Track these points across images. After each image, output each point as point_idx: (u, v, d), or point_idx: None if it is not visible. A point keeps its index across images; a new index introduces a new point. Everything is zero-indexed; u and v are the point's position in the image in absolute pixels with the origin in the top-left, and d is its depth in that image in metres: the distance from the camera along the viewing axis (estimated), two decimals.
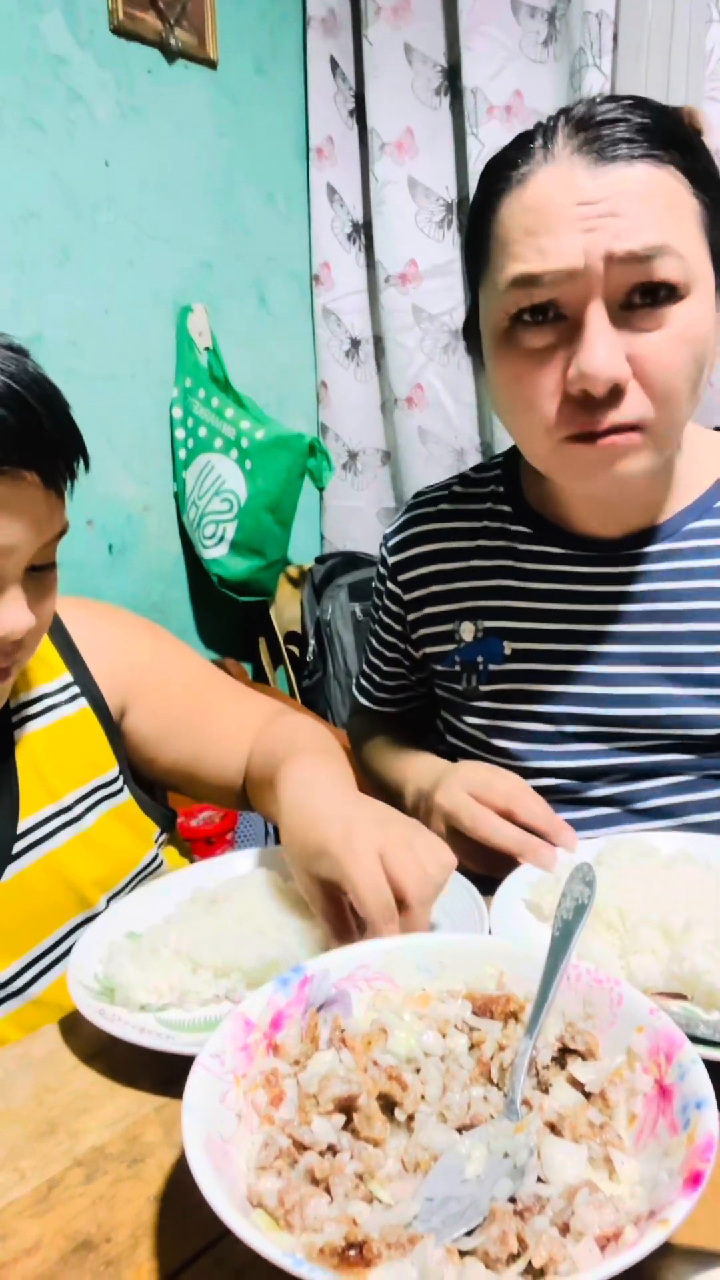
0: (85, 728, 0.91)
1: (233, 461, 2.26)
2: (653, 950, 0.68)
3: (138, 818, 0.94)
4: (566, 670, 0.96)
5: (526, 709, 0.98)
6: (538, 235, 0.78)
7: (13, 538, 0.69)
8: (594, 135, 0.78)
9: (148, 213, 2.20)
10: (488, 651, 1.00)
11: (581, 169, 0.77)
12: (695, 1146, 0.44)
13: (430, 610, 1.05)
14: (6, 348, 0.69)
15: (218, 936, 0.71)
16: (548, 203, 0.78)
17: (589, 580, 0.96)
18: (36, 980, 0.83)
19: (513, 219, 0.81)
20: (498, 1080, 0.55)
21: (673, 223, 0.77)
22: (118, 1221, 0.53)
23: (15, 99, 1.90)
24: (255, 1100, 0.53)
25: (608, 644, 0.95)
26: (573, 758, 0.96)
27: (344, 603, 2.47)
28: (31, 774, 0.86)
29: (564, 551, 0.98)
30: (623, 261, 0.76)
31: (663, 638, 0.93)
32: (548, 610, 0.98)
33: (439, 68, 2.36)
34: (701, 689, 0.92)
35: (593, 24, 1.98)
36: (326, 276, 2.66)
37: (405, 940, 0.63)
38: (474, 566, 1.03)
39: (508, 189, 0.82)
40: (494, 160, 0.85)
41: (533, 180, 0.80)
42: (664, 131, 0.79)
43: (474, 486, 1.07)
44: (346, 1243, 0.43)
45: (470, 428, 2.52)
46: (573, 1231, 0.43)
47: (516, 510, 1.02)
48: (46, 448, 0.70)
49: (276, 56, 2.52)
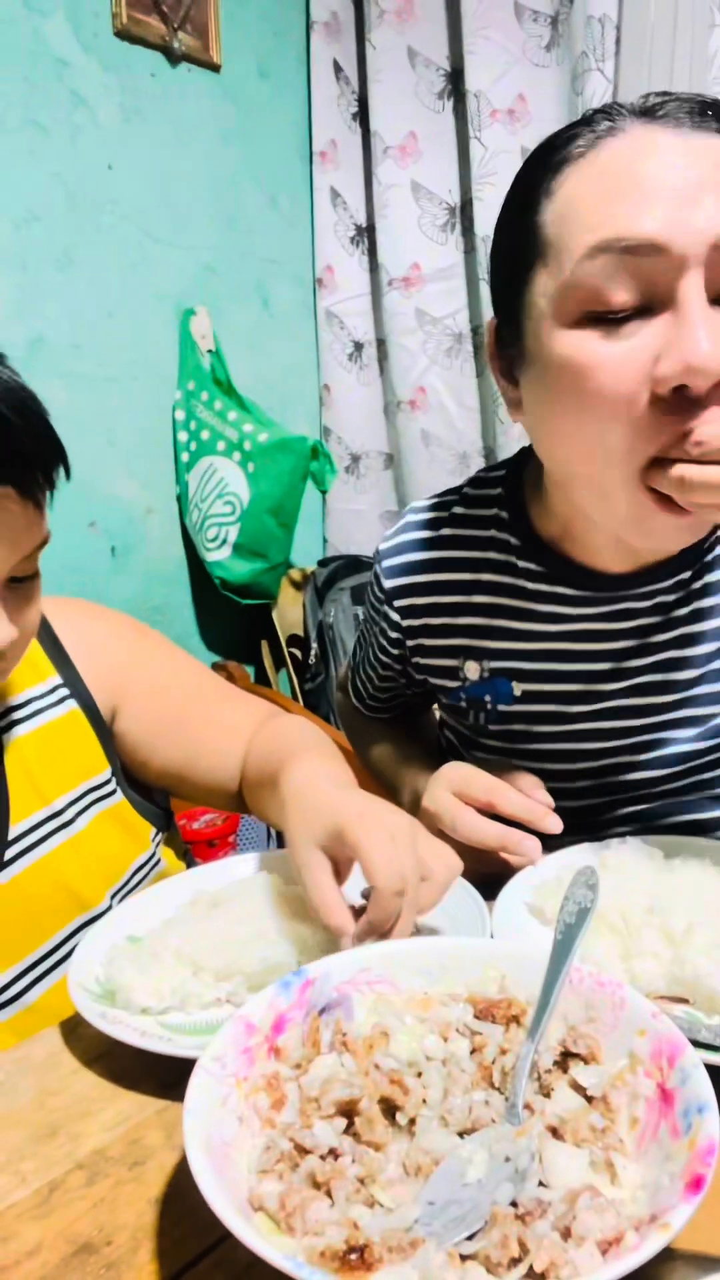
0: (75, 730, 0.89)
1: (235, 464, 2.26)
2: (655, 954, 0.68)
3: (132, 819, 0.93)
4: (580, 711, 0.91)
5: (538, 749, 0.94)
6: (618, 201, 0.66)
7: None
8: (662, 110, 0.68)
9: (151, 215, 2.21)
10: (496, 691, 0.94)
11: (659, 134, 0.67)
12: (697, 1151, 0.44)
13: (428, 642, 0.98)
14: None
15: (219, 939, 0.71)
16: (629, 166, 0.66)
17: (608, 619, 0.89)
18: (32, 987, 0.83)
19: (582, 189, 0.68)
20: (499, 1084, 0.55)
21: None
22: (119, 1224, 0.53)
23: (18, 101, 1.91)
24: (257, 1103, 0.53)
25: (622, 680, 0.89)
26: (587, 795, 0.93)
27: (346, 605, 2.47)
28: (21, 778, 0.85)
29: (579, 594, 0.89)
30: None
31: (682, 665, 0.88)
32: (562, 651, 0.91)
33: (442, 71, 2.36)
34: (709, 708, 0.89)
35: (595, 28, 1.98)
36: (329, 279, 2.66)
37: (407, 944, 0.63)
38: (476, 603, 0.94)
39: (566, 164, 0.70)
40: (540, 149, 0.74)
41: (604, 149, 0.68)
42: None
43: (475, 507, 0.96)
44: (348, 1246, 0.43)
45: (473, 431, 2.52)
46: (574, 1236, 0.43)
47: (523, 542, 0.92)
48: (22, 460, 0.68)
49: (280, 60, 2.52)
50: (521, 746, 0.95)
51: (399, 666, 1.05)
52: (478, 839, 0.82)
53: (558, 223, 0.70)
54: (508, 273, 0.76)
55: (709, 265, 0.65)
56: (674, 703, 0.90)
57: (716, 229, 0.64)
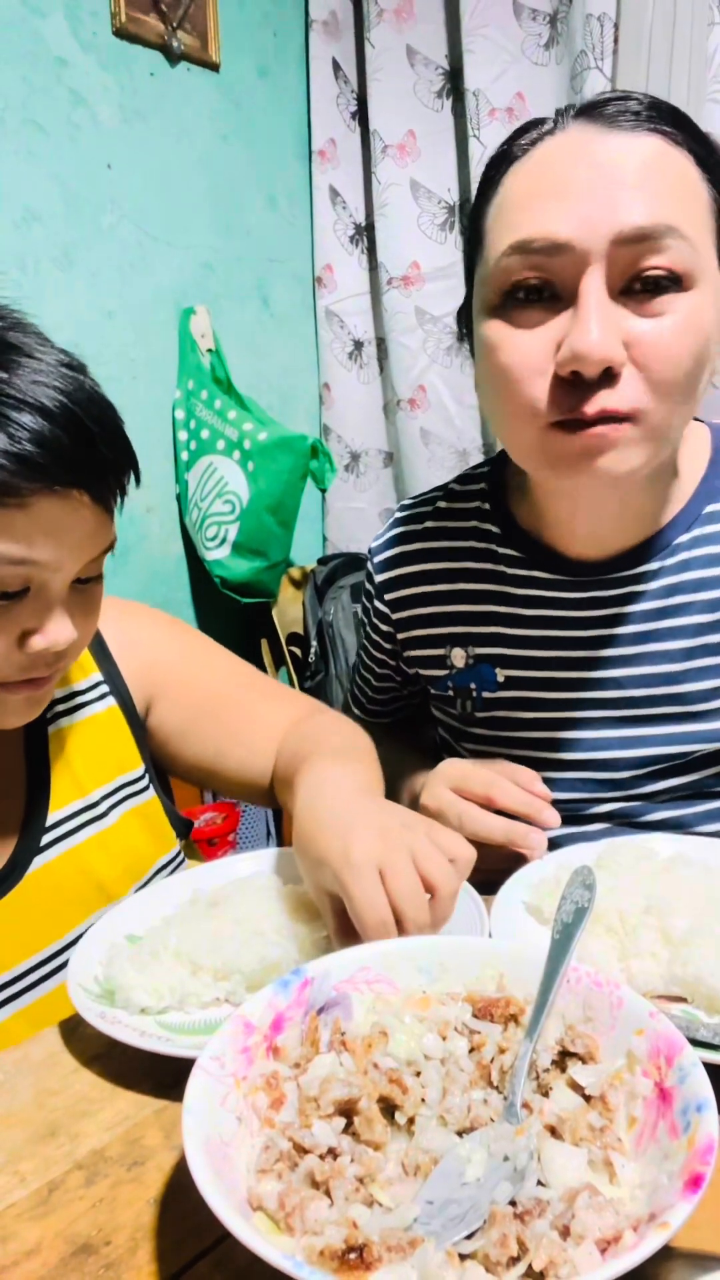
0: (113, 726, 0.92)
1: (235, 463, 2.26)
2: (652, 953, 0.68)
3: (159, 818, 0.95)
4: (562, 698, 0.94)
5: (523, 736, 0.96)
6: (539, 199, 0.74)
7: (61, 555, 0.70)
8: (604, 109, 0.74)
9: (150, 215, 2.21)
10: (480, 678, 0.97)
11: (591, 134, 0.74)
12: (695, 1149, 0.44)
13: (419, 633, 1.02)
14: (65, 365, 0.70)
15: (218, 939, 0.71)
16: (552, 166, 0.74)
17: (581, 606, 0.93)
18: (51, 976, 0.84)
19: (514, 187, 0.77)
20: (498, 1083, 0.55)
21: (683, 205, 0.73)
22: (118, 1224, 0.53)
23: (17, 101, 1.91)
24: (255, 1103, 0.53)
25: (603, 669, 0.92)
26: (573, 788, 0.94)
27: (346, 604, 2.47)
28: (62, 769, 0.87)
29: (554, 577, 0.93)
30: (629, 241, 0.71)
31: (659, 658, 0.90)
32: (539, 637, 0.94)
33: (441, 70, 2.36)
34: (699, 705, 0.90)
35: (594, 26, 1.98)
36: (329, 278, 2.66)
37: (405, 943, 0.63)
38: (461, 590, 0.99)
39: (510, 163, 0.78)
40: (495, 153, 0.82)
41: (539, 149, 0.76)
42: (671, 112, 0.75)
43: (459, 501, 1.02)
44: (347, 1246, 0.43)
45: (473, 429, 2.52)
46: (573, 1235, 0.43)
47: (504, 530, 0.97)
48: (98, 467, 0.70)
49: (279, 59, 2.52)
50: (506, 734, 0.97)
51: (393, 663, 1.08)
52: (484, 834, 0.83)
53: (492, 219, 0.78)
54: (465, 261, 0.87)
55: (612, 260, 0.72)
56: (652, 697, 0.91)
57: (619, 226, 0.70)
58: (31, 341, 0.70)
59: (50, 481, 0.67)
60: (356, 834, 0.66)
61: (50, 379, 0.68)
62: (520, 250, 0.74)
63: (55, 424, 0.67)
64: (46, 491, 0.67)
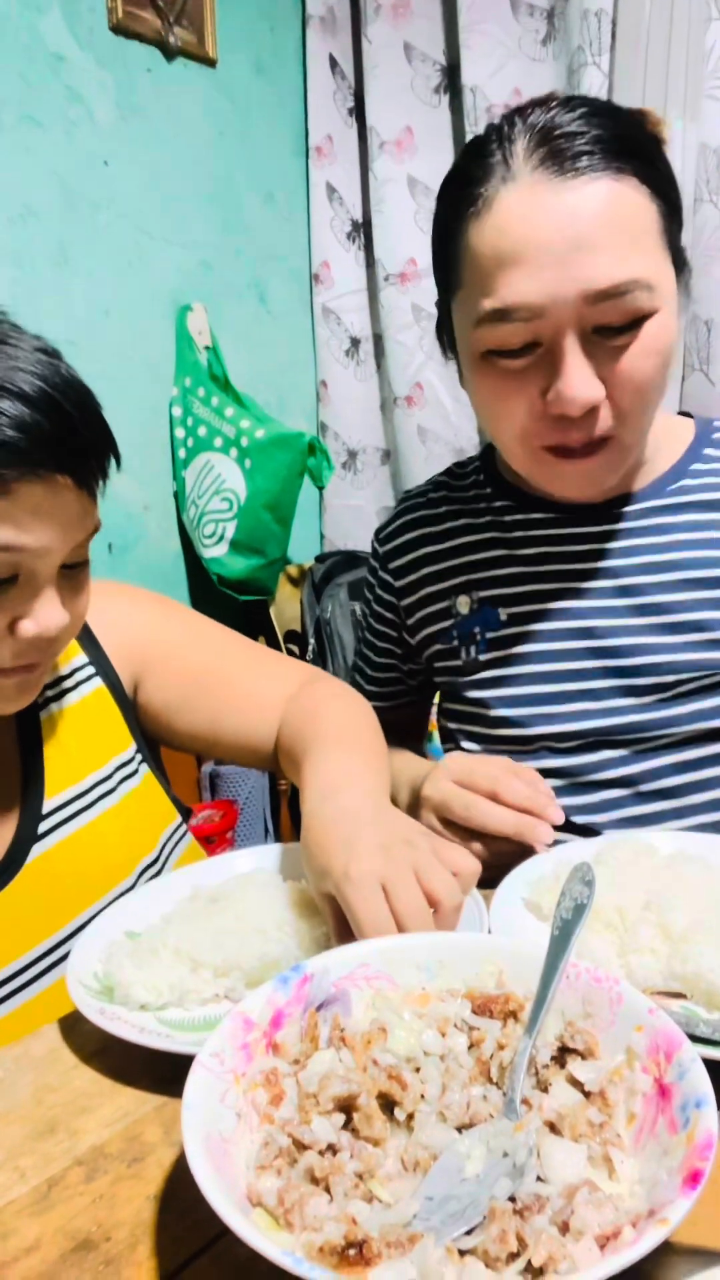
0: (102, 707, 0.92)
1: (232, 460, 2.26)
2: (652, 949, 0.68)
3: (156, 796, 0.95)
4: (562, 628, 0.99)
5: (525, 671, 1.00)
6: (509, 267, 0.82)
7: (47, 540, 0.71)
8: (553, 149, 0.81)
9: (147, 212, 2.20)
10: (484, 621, 1.03)
11: (545, 187, 0.80)
12: (695, 1145, 0.44)
13: (424, 591, 1.09)
14: (40, 350, 0.71)
15: (217, 935, 0.71)
16: (516, 230, 0.81)
17: (576, 540, 1.01)
18: (58, 965, 0.83)
19: (483, 245, 0.84)
20: (497, 1079, 0.55)
21: (639, 248, 0.81)
22: (117, 1220, 0.53)
23: (14, 97, 1.90)
24: (255, 1099, 0.53)
25: (599, 599, 0.98)
26: (575, 719, 0.97)
27: (344, 601, 2.47)
28: (56, 755, 0.88)
29: (548, 515, 1.03)
30: (595, 300, 0.80)
31: (650, 589, 0.97)
32: (539, 572, 1.02)
33: (438, 66, 2.36)
34: (691, 635, 0.95)
35: (591, 22, 1.98)
36: (326, 275, 2.66)
37: (405, 939, 0.63)
38: (464, 543, 1.07)
39: (474, 211, 0.84)
40: (453, 174, 0.88)
41: (498, 203, 0.83)
42: (621, 140, 0.81)
43: (457, 478, 1.13)
44: (346, 1242, 0.43)
45: (470, 426, 2.52)
46: (572, 1230, 0.43)
47: (496, 489, 1.08)
48: (79, 450, 0.71)
49: (276, 55, 2.52)
50: (509, 671, 1.01)
51: (395, 635, 1.14)
52: (493, 825, 0.84)
53: (468, 271, 0.86)
54: (437, 280, 0.95)
55: (582, 315, 0.81)
56: (649, 608, 0.96)
57: (585, 288, 0.80)
58: (5, 329, 0.71)
59: (33, 466, 0.68)
60: (360, 848, 0.66)
61: (28, 365, 0.68)
62: (498, 319, 0.83)
63: (35, 409, 0.67)
64: (30, 476, 0.68)
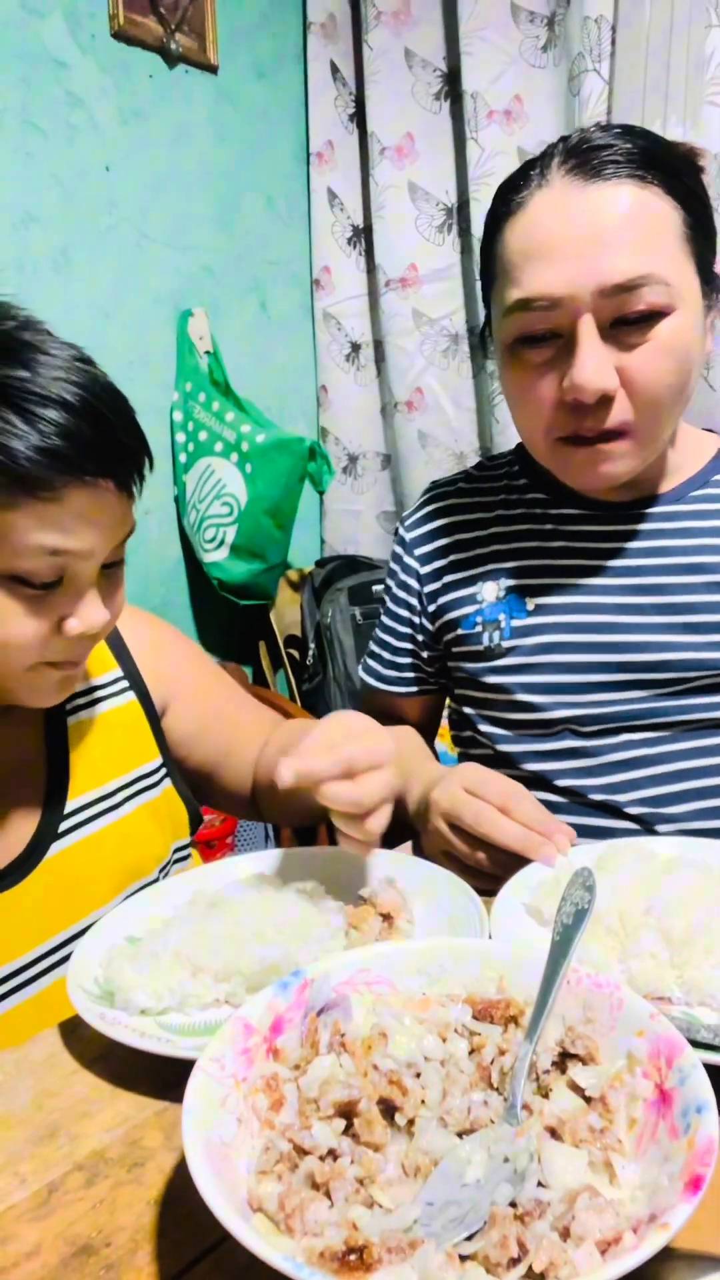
0: (132, 719, 0.96)
1: (233, 465, 2.26)
2: (652, 954, 0.68)
3: (174, 809, 0.98)
4: (586, 621, 1.02)
5: (549, 660, 1.02)
6: (532, 260, 0.88)
7: (91, 542, 0.74)
8: (584, 159, 0.87)
9: (148, 217, 2.21)
10: (510, 608, 1.06)
11: (572, 189, 0.87)
12: (696, 1151, 0.44)
13: (450, 578, 1.11)
14: (77, 359, 0.74)
15: (218, 940, 0.71)
16: (540, 228, 0.88)
17: (605, 538, 1.04)
18: (67, 961, 0.84)
19: (513, 242, 0.91)
20: (498, 1085, 0.55)
21: (656, 247, 0.86)
22: (118, 1226, 0.53)
23: (16, 103, 1.91)
24: (255, 1104, 0.53)
25: (625, 595, 1.01)
26: (595, 706, 1.00)
27: (344, 606, 2.47)
28: (82, 759, 0.90)
29: (580, 512, 1.05)
30: (611, 293, 0.85)
31: (675, 588, 1.00)
32: (568, 566, 1.04)
33: (439, 72, 2.37)
34: (712, 635, 0.98)
35: (592, 29, 1.98)
36: (326, 280, 2.66)
37: (405, 945, 0.63)
38: (495, 532, 1.10)
39: (510, 214, 0.92)
40: (502, 185, 0.95)
41: (530, 205, 0.90)
42: (648, 154, 0.87)
43: (488, 472, 1.16)
44: (347, 1247, 0.43)
45: (470, 431, 2.52)
46: (573, 1236, 0.43)
47: (533, 482, 1.10)
48: (120, 455, 0.75)
49: (277, 61, 2.52)
50: (533, 659, 1.03)
51: (416, 621, 1.15)
52: (500, 837, 0.84)
53: (500, 267, 0.93)
54: (482, 282, 1.01)
55: (599, 307, 0.86)
56: (673, 607, 0.99)
57: (601, 281, 0.85)
58: (44, 339, 0.73)
59: (79, 473, 0.71)
60: (347, 718, 0.83)
61: (69, 374, 0.71)
62: (522, 308, 0.89)
63: (79, 417, 0.70)
64: (76, 483, 0.71)
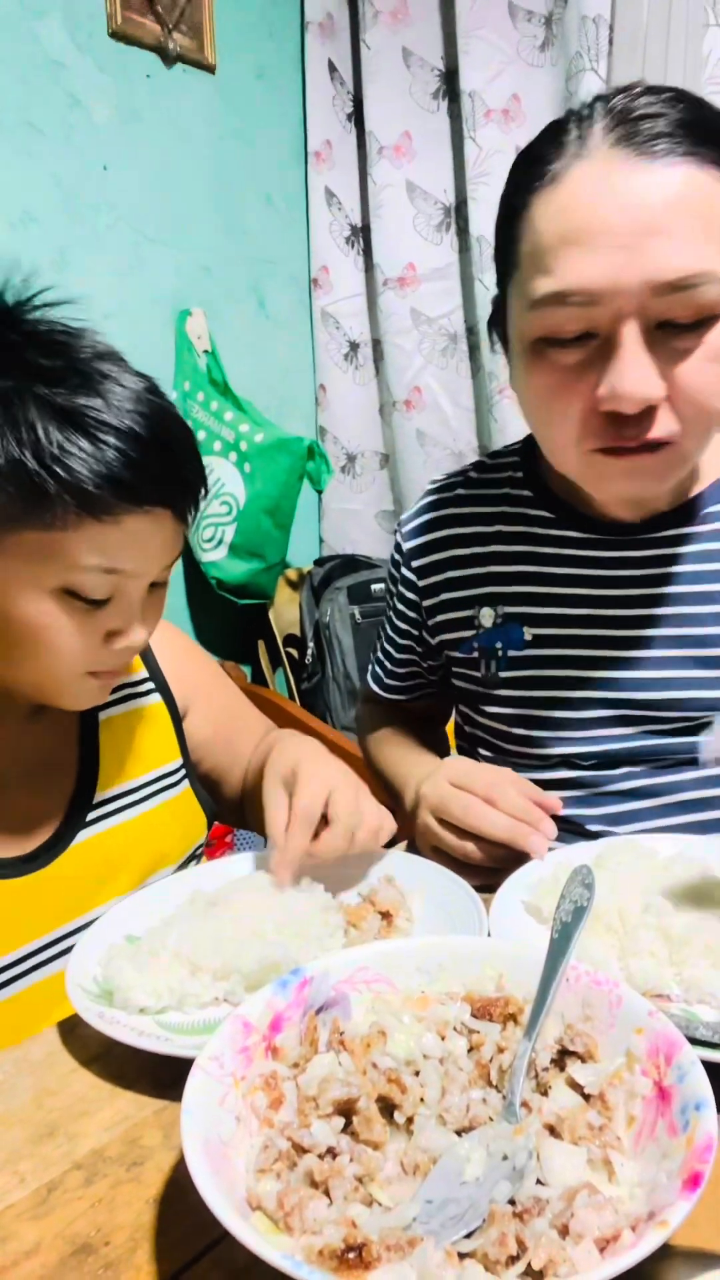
0: (158, 719, 0.99)
1: (232, 464, 2.26)
2: (651, 952, 0.68)
3: (191, 809, 1.00)
4: (589, 655, 0.95)
5: (548, 695, 0.97)
6: (570, 246, 0.74)
7: (144, 564, 0.77)
8: (633, 130, 0.73)
9: (146, 216, 2.21)
10: (507, 637, 0.99)
11: (619, 165, 0.73)
12: (694, 1148, 0.44)
13: (447, 596, 1.04)
14: (148, 390, 0.76)
15: (217, 939, 0.71)
16: (584, 207, 0.74)
17: (611, 565, 0.95)
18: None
19: (546, 221, 0.76)
20: (497, 1082, 0.55)
21: (716, 240, 0.73)
22: (117, 1224, 0.53)
23: (14, 102, 1.91)
24: (254, 1103, 0.53)
25: (631, 628, 0.94)
26: (596, 743, 0.95)
27: (343, 605, 2.47)
28: (111, 754, 0.93)
29: (585, 536, 0.96)
30: (661, 292, 0.73)
31: (688, 620, 0.92)
32: (569, 595, 0.96)
33: (437, 71, 2.37)
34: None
35: (589, 28, 1.98)
36: (325, 280, 2.66)
37: (404, 943, 0.63)
38: (493, 552, 1.01)
39: (540, 185, 0.77)
40: (525, 153, 0.81)
41: (567, 177, 0.75)
42: (705, 125, 0.74)
43: (490, 472, 1.06)
44: (346, 1245, 0.43)
45: (469, 430, 2.52)
46: (572, 1233, 0.43)
47: (537, 494, 1.01)
48: (182, 487, 0.78)
49: (275, 60, 2.52)
50: (529, 693, 0.98)
51: (416, 633, 1.10)
52: (487, 829, 0.84)
53: (526, 249, 0.79)
54: (498, 267, 0.87)
55: (645, 306, 0.74)
56: (684, 658, 0.92)
57: (651, 277, 0.72)
58: (118, 369, 0.75)
59: (140, 501, 0.74)
60: (322, 760, 0.86)
61: (138, 405, 0.74)
62: (555, 302, 0.76)
63: (144, 448, 0.73)
64: (137, 511, 0.74)
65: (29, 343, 0.74)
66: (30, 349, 0.74)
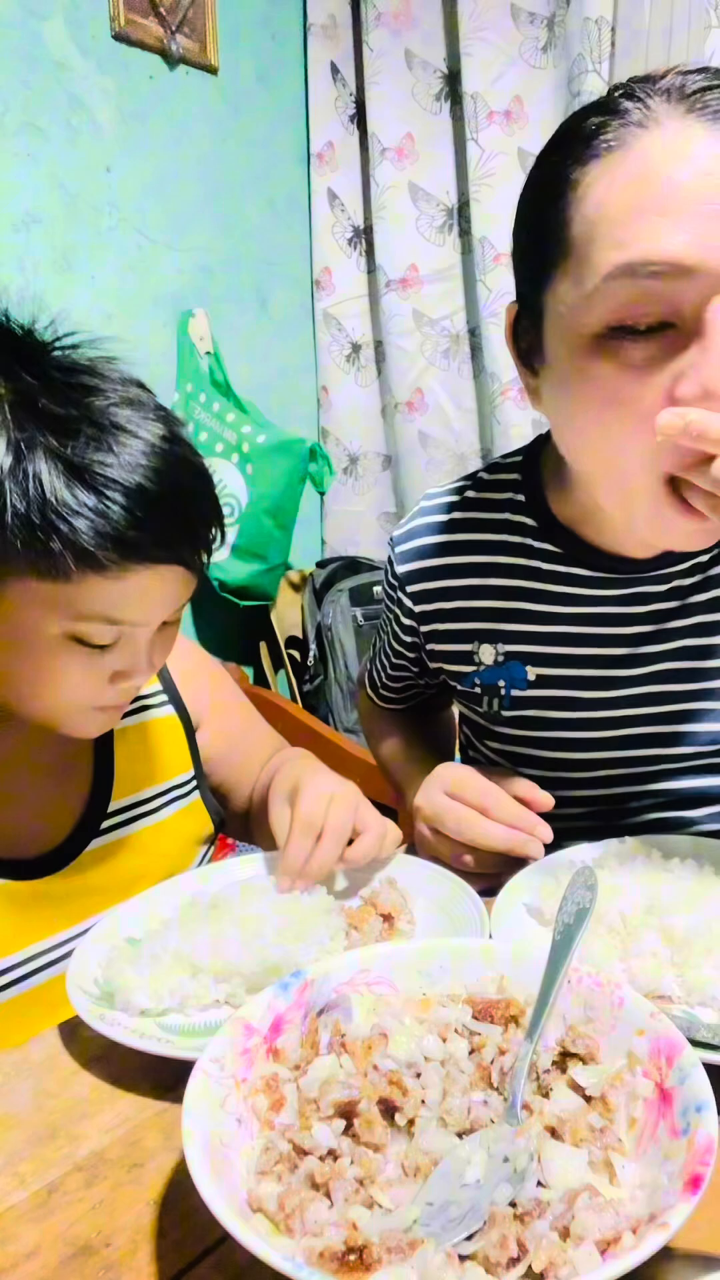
0: (171, 730, 1.00)
1: (234, 466, 2.26)
2: (654, 954, 0.68)
3: (201, 818, 1.01)
4: (596, 697, 0.91)
5: (553, 736, 0.93)
6: (648, 214, 0.63)
7: (151, 615, 0.77)
8: (699, 101, 0.64)
9: (149, 218, 2.21)
10: (510, 676, 0.94)
11: (698, 130, 0.64)
12: (695, 1150, 0.44)
13: (443, 627, 0.98)
14: (166, 438, 0.74)
15: (218, 941, 0.71)
16: (655, 172, 0.64)
17: (618, 603, 0.89)
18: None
19: (609, 194, 0.65)
20: (498, 1085, 0.55)
21: None
22: (117, 1226, 0.53)
23: (17, 104, 1.91)
24: (255, 1105, 0.53)
25: (639, 667, 0.89)
26: (603, 785, 0.93)
27: (345, 607, 2.47)
28: (126, 763, 0.95)
29: (591, 574, 0.89)
30: None
31: (698, 651, 0.88)
32: (575, 635, 0.91)
33: (439, 73, 2.37)
34: None
35: (592, 30, 1.98)
36: (327, 281, 2.66)
37: (406, 945, 0.63)
38: (491, 585, 0.94)
39: (595, 158, 0.67)
40: (566, 131, 0.70)
41: (636, 146, 0.65)
42: None
43: (489, 491, 0.96)
44: (346, 1247, 0.43)
45: (471, 432, 2.52)
46: (573, 1236, 0.43)
47: (540, 523, 0.92)
48: (192, 542, 0.77)
49: (277, 62, 2.52)
50: (534, 734, 0.94)
51: (412, 655, 1.06)
52: (484, 841, 0.83)
53: (583, 227, 0.67)
54: (529, 265, 0.75)
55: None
56: (692, 692, 0.89)
57: None
58: (139, 415, 0.73)
59: (146, 560, 0.73)
60: (324, 777, 0.85)
61: (151, 460, 0.72)
62: (632, 274, 0.64)
63: (152, 506, 0.72)
64: (142, 568, 0.73)
65: (47, 389, 0.72)
66: (47, 395, 0.71)
